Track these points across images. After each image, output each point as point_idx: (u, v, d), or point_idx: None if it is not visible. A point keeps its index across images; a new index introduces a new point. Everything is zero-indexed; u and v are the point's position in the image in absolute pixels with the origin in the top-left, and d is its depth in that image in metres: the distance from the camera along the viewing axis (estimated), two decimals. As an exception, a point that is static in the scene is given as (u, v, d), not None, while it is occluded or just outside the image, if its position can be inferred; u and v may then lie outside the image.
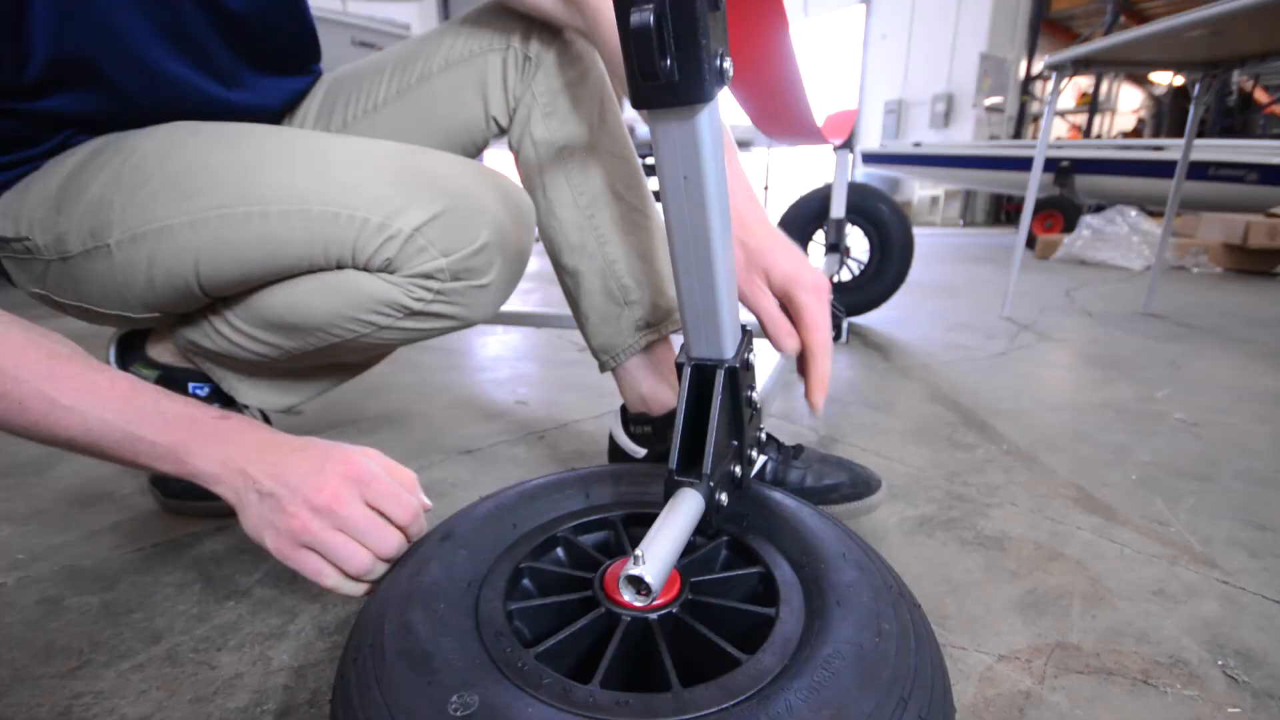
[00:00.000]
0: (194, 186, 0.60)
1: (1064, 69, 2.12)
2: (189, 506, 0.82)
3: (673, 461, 0.51)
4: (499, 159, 0.92)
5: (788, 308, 0.60)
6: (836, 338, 1.91)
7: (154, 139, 0.64)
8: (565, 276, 0.81)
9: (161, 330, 0.80)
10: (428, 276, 0.62)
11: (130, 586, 0.68)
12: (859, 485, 0.79)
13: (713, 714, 0.37)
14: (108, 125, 0.67)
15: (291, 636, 0.60)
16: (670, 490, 0.50)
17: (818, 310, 0.59)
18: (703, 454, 0.50)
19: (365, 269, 0.62)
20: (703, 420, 0.50)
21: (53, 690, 0.54)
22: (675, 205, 0.44)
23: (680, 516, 0.46)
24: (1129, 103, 11.33)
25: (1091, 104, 9.26)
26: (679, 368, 0.53)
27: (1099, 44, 1.98)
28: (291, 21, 0.75)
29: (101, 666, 0.56)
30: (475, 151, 0.84)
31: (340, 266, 0.62)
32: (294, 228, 0.59)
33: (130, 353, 0.82)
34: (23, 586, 0.68)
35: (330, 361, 0.80)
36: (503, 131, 0.81)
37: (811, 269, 0.59)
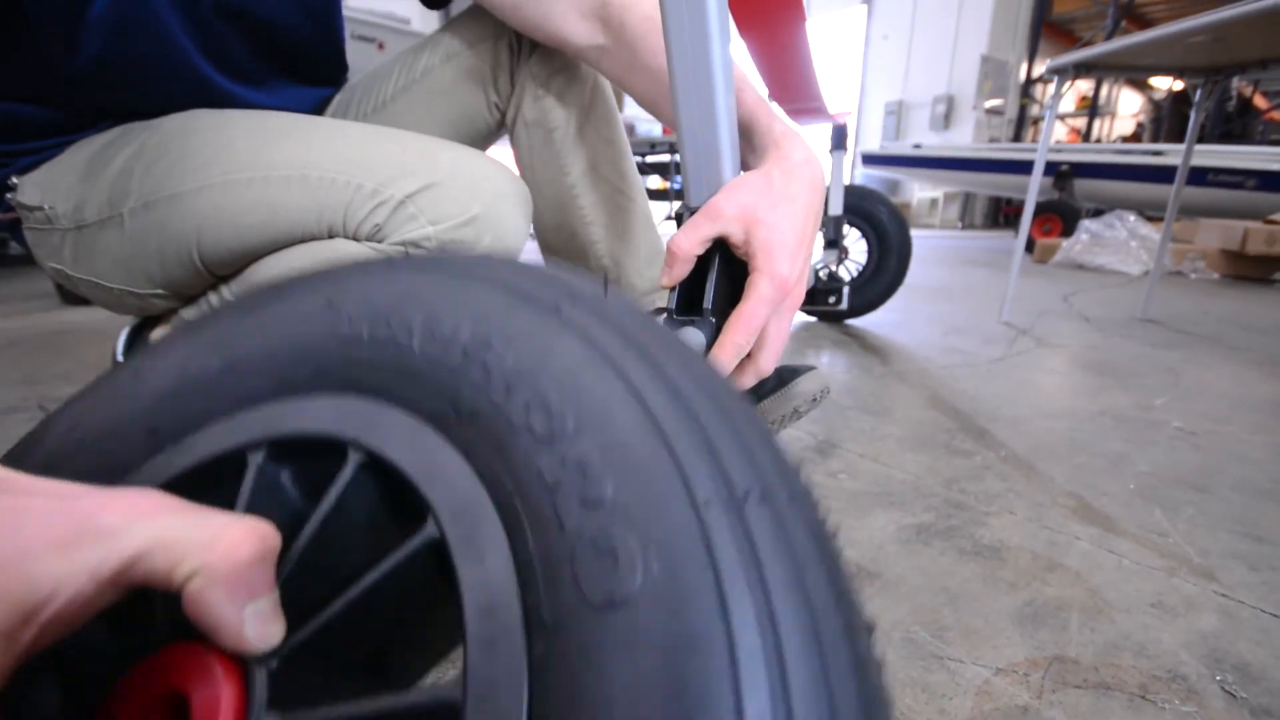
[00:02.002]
0: (207, 157, 0.63)
1: (1066, 72, 2.11)
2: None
3: (671, 302, 0.49)
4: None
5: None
6: (837, 302, 1.92)
7: (178, 118, 0.67)
8: (547, 255, 0.83)
9: (168, 318, 0.80)
10: (415, 244, 0.63)
11: (119, 589, 0.67)
12: (784, 372, 0.73)
13: None
14: (146, 118, 0.70)
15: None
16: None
17: (771, 308, 0.47)
18: (702, 296, 0.48)
19: (355, 237, 0.63)
20: (703, 266, 0.48)
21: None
22: (674, 14, 0.42)
23: None
24: (1128, 107, 11.36)
25: (1091, 108, 9.28)
26: (678, 218, 0.52)
27: (1101, 48, 1.98)
28: (325, 41, 0.79)
29: (88, 671, 0.56)
30: (481, 143, 0.86)
31: (332, 234, 0.63)
32: (292, 192, 0.61)
33: (139, 341, 0.83)
34: (10, 587, 0.67)
35: None
36: (503, 118, 0.82)
37: (801, 263, 0.49)
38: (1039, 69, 8.51)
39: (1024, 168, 5.47)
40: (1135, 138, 10.65)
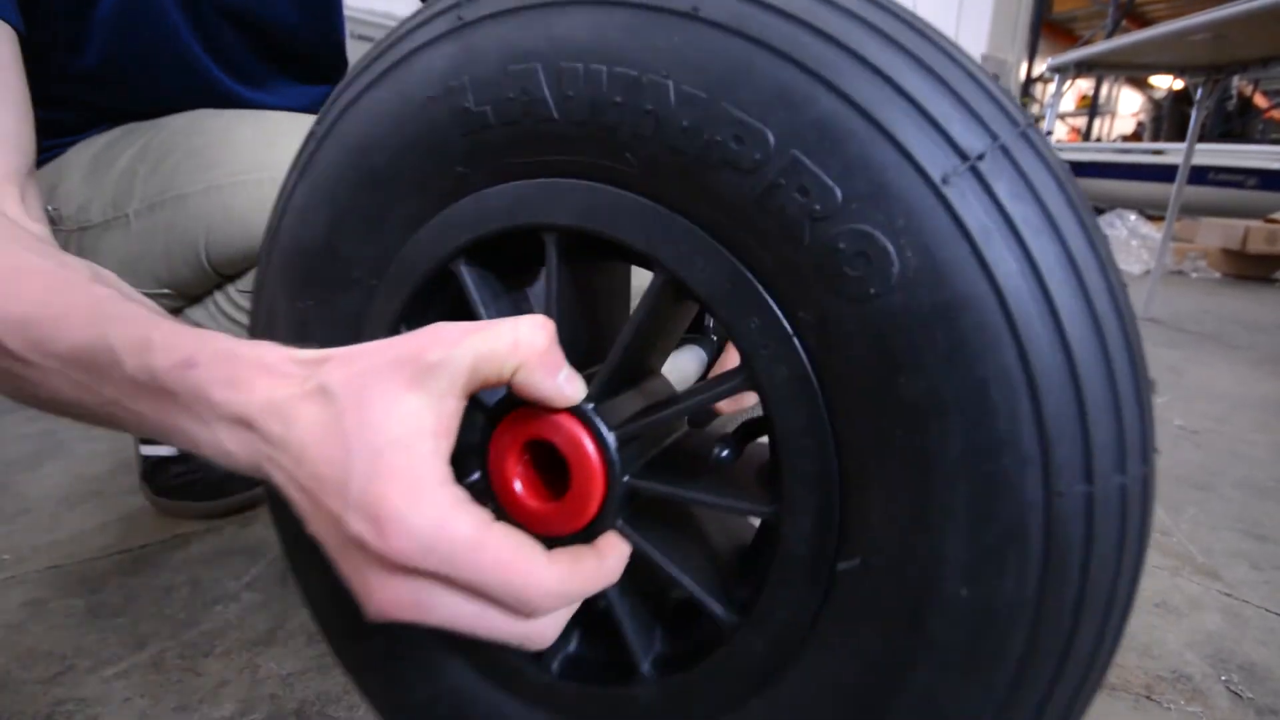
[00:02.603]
0: (213, 157, 0.62)
1: (1067, 71, 2.11)
2: (179, 506, 0.81)
3: None
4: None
5: None
6: None
7: (184, 118, 0.67)
8: None
9: (174, 316, 0.81)
10: None
11: (117, 589, 0.67)
12: None
13: None
14: (149, 119, 0.69)
15: (280, 643, 0.59)
16: None
17: None
18: (703, 315, 0.48)
19: None
20: None
21: (35, 696, 0.53)
22: None
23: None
24: (1128, 106, 11.35)
25: (1091, 107, 9.26)
26: None
27: (1103, 46, 1.98)
28: (326, 41, 0.78)
29: (85, 672, 0.55)
30: None
31: None
32: None
33: None
34: (7, 588, 0.67)
35: None
36: None
37: None
38: (1039, 68, 8.50)
39: (1024, 167, 5.45)
40: (1135, 137, 10.64)
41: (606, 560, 0.28)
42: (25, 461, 0.96)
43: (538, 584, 0.25)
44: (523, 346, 0.26)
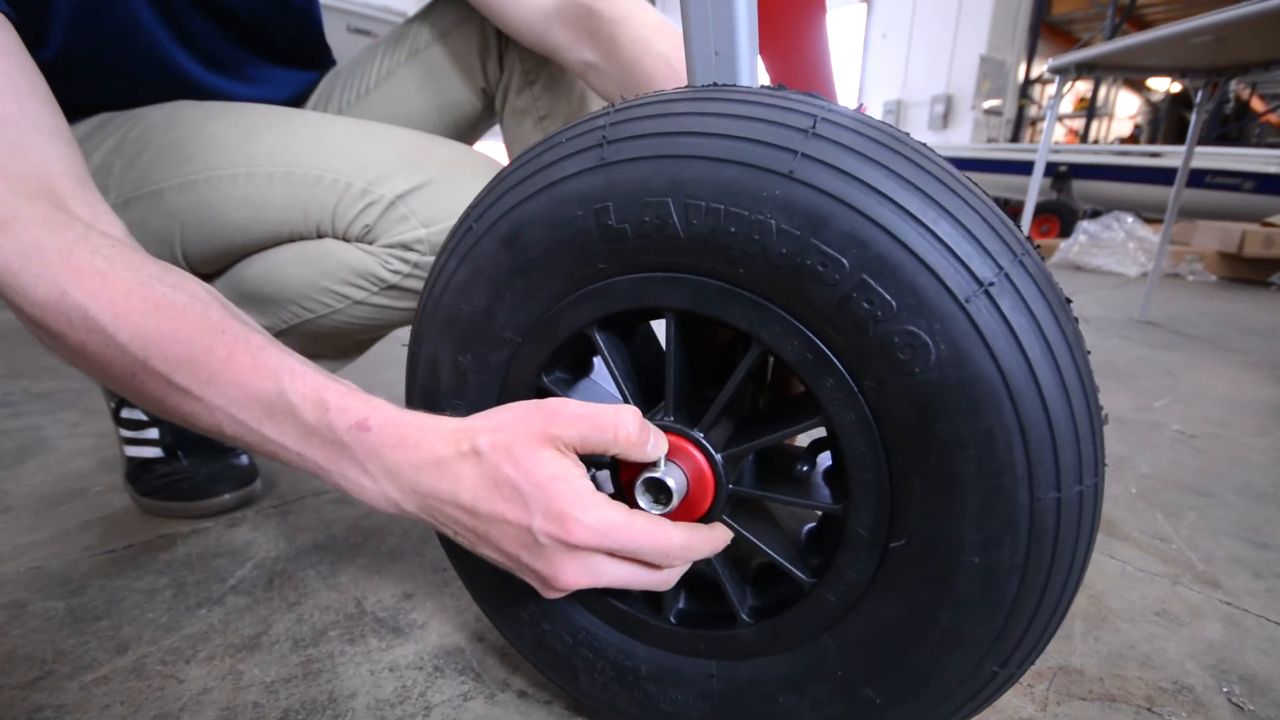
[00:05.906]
0: (188, 152, 0.60)
1: (1067, 72, 2.10)
2: (163, 507, 0.79)
3: None
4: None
5: None
6: None
7: (161, 111, 0.65)
8: None
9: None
10: (406, 247, 0.60)
11: (98, 591, 0.65)
12: None
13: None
14: (127, 109, 0.67)
15: (265, 649, 0.58)
16: None
17: None
18: None
19: (344, 238, 0.61)
20: None
21: (12, 702, 0.51)
22: (697, 17, 0.42)
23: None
24: (1126, 108, 11.36)
25: (1089, 109, 9.27)
26: None
27: (1104, 48, 1.97)
28: (296, 26, 0.75)
29: (64, 678, 0.54)
30: (470, 131, 0.83)
31: (320, 234, 0.61)
32: (276, 189, 0.59)
33: None
34: (-14, 589, 0.65)
35: (305, 350, 0.78)
36: (491, 104, 0.79)
37: None
38: (1037, 69, 8.50)
39: (1022, 168, 5.45)
40: (1133, 139, 10.65)
41: (714, 533, 0.39)
42: (7, 459, 0.94)
43: (671, 540, 0.35)
44: (620, 439, 0.34)
